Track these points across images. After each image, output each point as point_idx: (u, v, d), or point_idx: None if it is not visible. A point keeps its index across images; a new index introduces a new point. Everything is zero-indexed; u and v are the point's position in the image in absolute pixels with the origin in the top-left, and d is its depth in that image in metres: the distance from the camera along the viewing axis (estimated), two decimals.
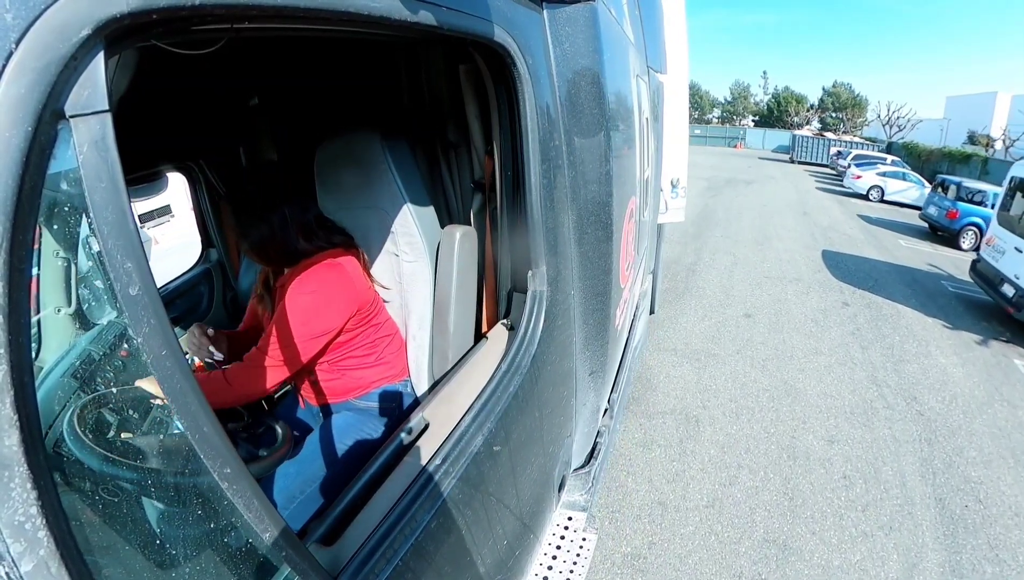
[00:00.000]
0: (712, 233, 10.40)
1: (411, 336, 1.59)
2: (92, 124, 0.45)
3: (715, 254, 8.76)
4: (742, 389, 4.50)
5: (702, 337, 5.49)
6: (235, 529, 0.66)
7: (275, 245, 1.41)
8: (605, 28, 1.65)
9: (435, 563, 1.04)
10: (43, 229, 0.51)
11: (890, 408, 4.34)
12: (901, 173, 17.06)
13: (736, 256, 8.71)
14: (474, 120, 1.51)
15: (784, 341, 5.48)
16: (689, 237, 9.89)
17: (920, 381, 4.85)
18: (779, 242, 9.90)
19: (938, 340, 5.80)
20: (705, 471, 3.45)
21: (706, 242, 9.60)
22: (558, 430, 1.68)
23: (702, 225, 11.10)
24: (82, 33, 0.42)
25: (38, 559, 0.43)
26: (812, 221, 12.39)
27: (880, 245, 10.47)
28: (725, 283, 7.24)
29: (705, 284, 7.18)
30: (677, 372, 4.71)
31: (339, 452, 1.46)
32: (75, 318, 1.43)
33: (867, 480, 3.46)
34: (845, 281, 7.70)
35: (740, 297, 6.74)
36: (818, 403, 4.33)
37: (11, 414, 0.40)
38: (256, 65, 1.89)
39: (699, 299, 6.61)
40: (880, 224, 12.86)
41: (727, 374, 4.74)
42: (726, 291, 6.95)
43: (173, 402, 0.54)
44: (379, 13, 0.74)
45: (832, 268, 8.35)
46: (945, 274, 8.66)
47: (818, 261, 8.73)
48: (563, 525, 2.02)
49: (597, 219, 1.62)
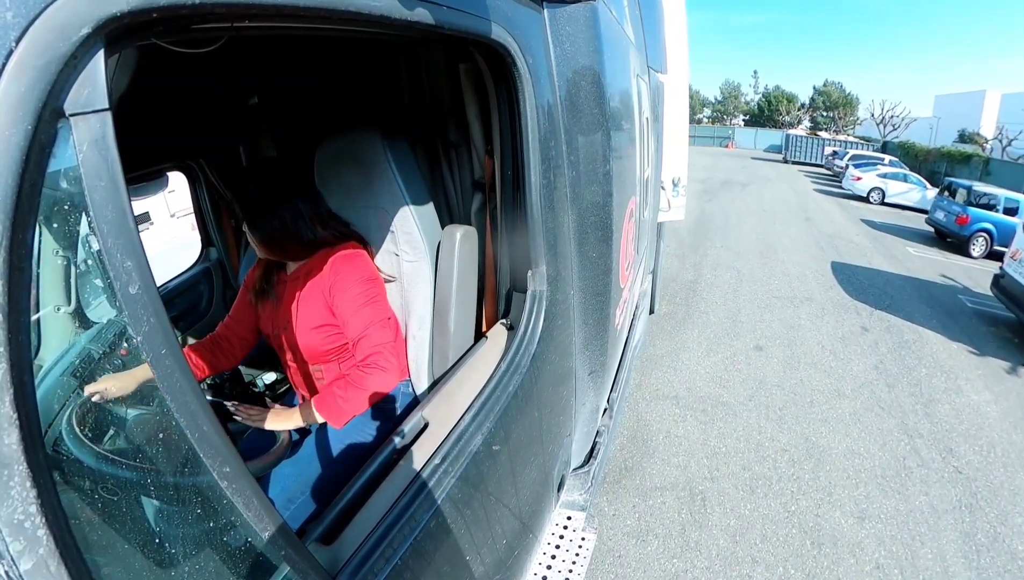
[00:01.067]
0: (711, 243, 9.65)
1: (411, 335, 1.59)
2: (92, 123, 0.45)
3: (717, 269, 7.98)
4: (757, 451, 3.78)
5: (708, 379, 4.70)
6: (234, 528, 0.66)
7: (289, 237, 1.41)
8: (605, 28, 1.65)
9: (434, 562, 1.04)
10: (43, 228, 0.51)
11: (925, 466, 3.74)
12: (902, 174, 16.59)
13: (740, 271, 7.95)
14: (474, 119, 1.51)
15: (802, 381, 4.77)
16: (687, 248, 9.19)
17: (954, 426, 4.23)
18: (785, 254, 9.11)
19: (966, 371, 5.21)
20: (713, 570, 2.81)
21: (706, 255, 8.85)
22: (558, 430, 1.68)
23: (700, 234, 10.35)
24: (82, 32, 0.42)
25: (37, 558, 0.43)
26: (816, 227, 11.68)
27: (889, 254, 9.77)
28: (730, 305, 6.51)
29: (708, 307, 6.43)
30: (680, 430, 3.95)
31: (338, 451, 1.46)
32: (75, 317, 1.43)
33: (904, 569, 2.90)
34: (860, 299, 6.99)
35: (748, 323, 5.97)
36: (845, 465, 3.67)
37: (10, 413, 0.40)
38: (256, 64, 1.89)
39: (703, 327, 5.81)
40: (885, 229, 12.23)
41: (739, 430, 3.99)
42: (732, 316, 6.18)
43: (173, 401, 0.54)
44: (379, 12, 0.74)
45: (844, 283, 7.65)
46: (960, 287, 8.13)
47: (828, 275, 8.01)
48: (562, 524, 2.02)
49: (597, 219, 1.62)
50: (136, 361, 0.51)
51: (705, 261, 8.47)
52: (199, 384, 1.40)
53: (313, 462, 1.42)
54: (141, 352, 0.51)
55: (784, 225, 11.71)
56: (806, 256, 9.11)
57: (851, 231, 11.67)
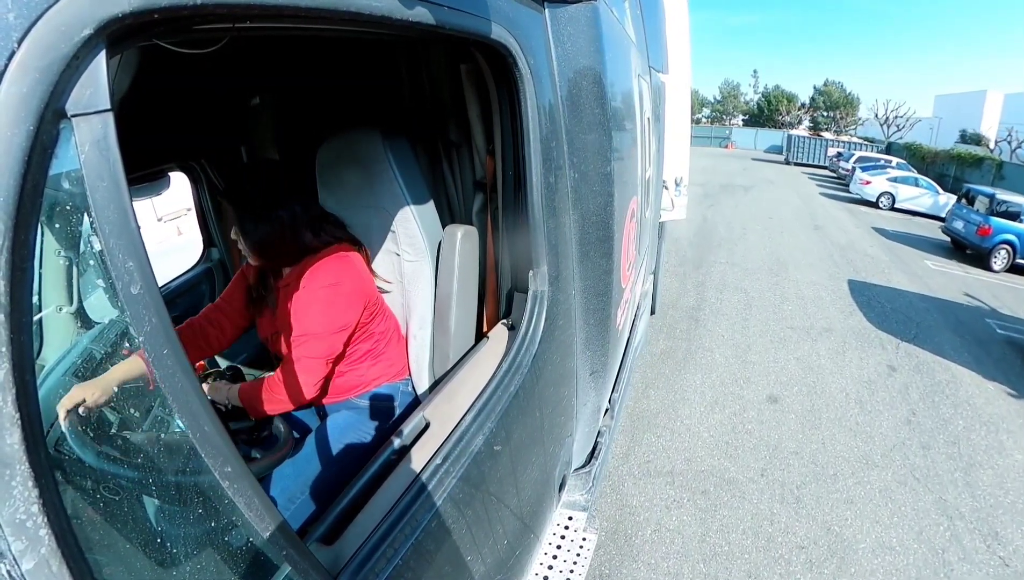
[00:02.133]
0: (716, 258, 8.73)
1: (412, 335, 1.59)
2: (94, 123, 0.45)
3: (723, 291, 7.05)
4: (767, 549, 2.98)
5: (712, 445, 3.87)
6: (236, 528, 0.66)
7: (280, 242, 1.39)
8: (607, 28, 1.65)
9: (435, 562, 1.04)
10: (45, 228, 0.51)
11: (967, 559, 3.07)
12: (913, 179, 15.79)
13: (749, 294, 7.04)
14: (476, 119, 1.51)
15: (824, 444, 3.98)
16: (689, 265, 8.25)
17: (999, 500, 3.57)
18: (797, 270, 8.25)
19: (1007, 420, 4.54)
20: None
21: (710, 273, 7.91)
22: (559, 430, 1.68)
23: (703, 247, 9.40)
24: (84, 32, 0.42)
25: (39, 557, 0.43)
26: (827, 237, 10.82)
27: (908, 269, 8.98)
28: (739, 340, 5.61)
29: (714, 342, 5.49)
30: (674, 520, 3.15)
31: (340, 451, 1.46)
32: (76, 317, 1.43)
33: None
34: (884, 328, 6.16)
35: (760, 365, 5.09)
36: (874, 566, 2.94)
37: (13, 412, 0.41)
38: (257, 64, 1.89)
39: (707, 371, 4.89)
40: (900, 239, 11.46)
41: (747, 519, 3.20)
42: (741, 355, 5.28)
43: (174, 401, 0.54)
44: (380, 13, 0.74)
45: (865, 307, 6.83)
46: (987, 309, 7.45)
47: (846, 297, 7.19)
48: (563, 525, 2.02)
49: (598, 219, 1.62)
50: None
51: (709, 280, 7.55)
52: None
53: (314, 462, 1.42)
54: (143, 352, 0.51)
55: (793, 235, 10.81)
56: (821, 273, 8.26)
57: (864, 242, 10.85)
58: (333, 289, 1.36)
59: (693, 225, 11.03)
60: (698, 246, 9.51)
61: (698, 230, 10.80)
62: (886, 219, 13.97)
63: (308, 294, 1.35)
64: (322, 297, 1.35)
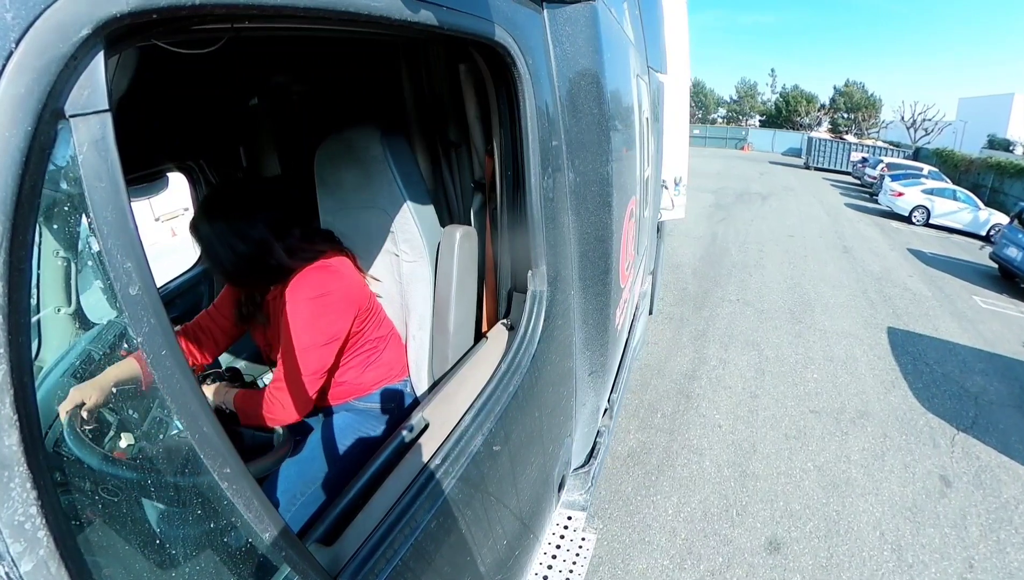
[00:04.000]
0: (724, 293, 6.98)
1: (411, 336, 1.59)
2: (92, 124, 0.45)
3: (728, 348, 5.37)
4: None
5: None
6: (235, 529, 0.66)
7: (251, 270, 1.31)
8: (605, 28, 1.65)
9: (435, 563, 1.04)
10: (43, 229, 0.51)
11: None
12: (951, 191, 13.92)
13: (762, 353, 5.33)
14: (474, 119, 1.51)
15: None
16: (689, 304, 6.49)
17: None
18: (825, 314, 6.51)
19: None
20: None
21: (715, 316, 6.17)
22: (558, 430, 1.68)
23: (710, 276, 7.61)
24: (82, 33, 0.42)
25: (38, 559, 0.43)
26: (858, 264, 9.01)
27: (955, 309, 7.29)
28: (741, 436, 3.96)
29: (705, 440, 3.87)
30: None
31: (339, 452, 1.46)
32: (75, 318, 1.43)
33: None
34: (935, 408, 4.56)
35: (766, 480, 3.52)
36: None
37: (11, 414, 0.40)
38: (256, 65, 1.89)
39: (687, 490, 3.37)
40: (940, 265, 9.69)
41: None
42: (741, 463, 3.68)
43: (173, 402, 0.54)
44: (379, 13, 0.74)
45: (911, 373, 5.14)
46: None
47: (887, 357, 5.49)
48: (563, 524, 2.03)
49: (597, 219, 1.62)
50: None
51: (713, 329, 5.81)
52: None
53: (314, 463, 1.42)
54: (141, 353, 0.51)
55: (818, 260, 9.03)
56: (854, 317, 6.52)
57: (901, 269, 9.06)
58: (319, 301, 1.31)
59: (701, 245, 9.37)
60: (704, 276, 7.75)
61: (706, 252, 8.98)
62: (921, 238, 12.14)
63: (294, 308, 1.29)
64: (308, 310, 1.29)
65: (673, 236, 9.39)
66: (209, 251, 1.28)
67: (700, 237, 9.95)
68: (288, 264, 1.32)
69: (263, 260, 1.30)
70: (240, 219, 1.27)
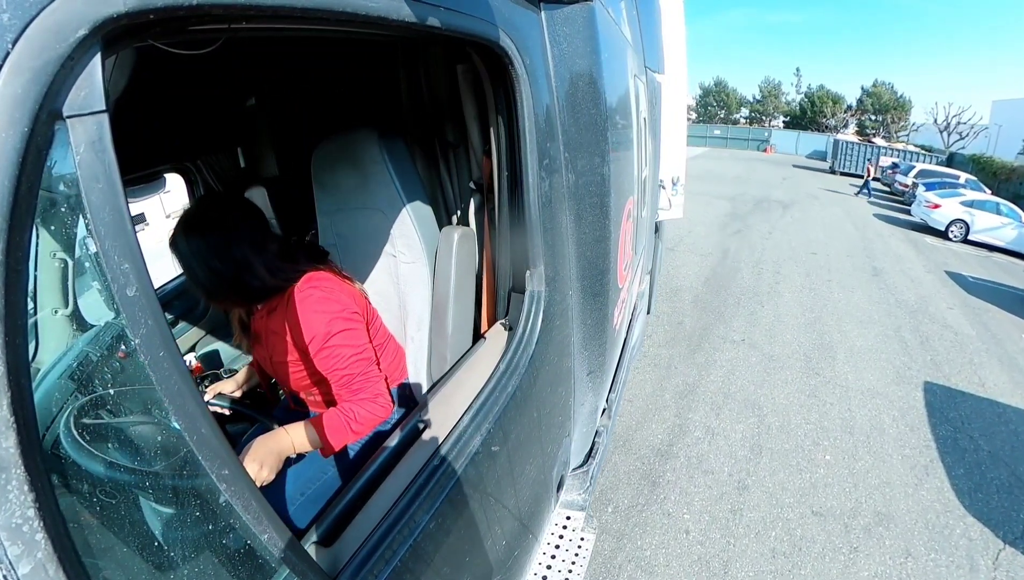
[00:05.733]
0: (727, 331, 5.70)
1: (409, 337, 1.59)
2: (89, 125, 0.45)
3: (720, 411, 4.19)
4: None
5: None
6: (233, 531, 0.66)
7: (234, 287, 1.26)
8: (603, 28, 1.65)
9: (434, 564, 1.04)
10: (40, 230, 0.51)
11: None
12: (993, 204, 12.45)
13: (764, 419, 4.14)
14: (472, 120, 1.51)
15: None
16: (682, 344, 5.30)
17: None
18: (848, 363, 5.18)
19: None
20: None
21: (711, 363, 4.95)
22: (556, 430, 1.68)
23: (713, 307, 6.35)
24: (79, 33, 0.42)
25: (36, 561, 0.43)
26: (890, 291, 7.60)
27: (1005, 354, 5.78)
28: (711, 544, 2.94)
29: (663, 547, 2.89)
30: None
31: (338, 454, 1.46)
32: (72, 319, 1.42)
33: None
34: (975, 509, 3.38)
35: None
36: None
37: (8, 416, 0.40)
38: (254, 65, 1.89)
39: None
40: (984, 294, 8.06)
41: None
42: None
43: (171, 404, 0.54)
44: (377, 13, 0.74)
45: (948, 452, 3.93)
46: None
47: (920, 427, 4.23)
48: (562, 524, 2.03)
49: (595, 219, 1.62)
50: (134, 363, 0.51)
51: (706, 382, 4.61)
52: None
53: (312, 464, 1.42)
54: (139, 355, 0.51)
55: (844, 286, 7.64)
56: (884, 369, 5.14)
57: (940, 299, 7.56)
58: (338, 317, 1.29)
59: (708, 264, 8.00)
60: (706, 306, 6.39)
61: (713, 274, 7.61)
62: (960, 257, 10.57)
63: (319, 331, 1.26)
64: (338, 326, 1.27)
65: (677, 252, 8.67)
66: (187, 268, 1.23)
67: (709, 253, 8.72)
68: (270, 283, 1.27)
69: (241, 279, 1.24)
70: (219, 237, 1.21)
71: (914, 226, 13.20)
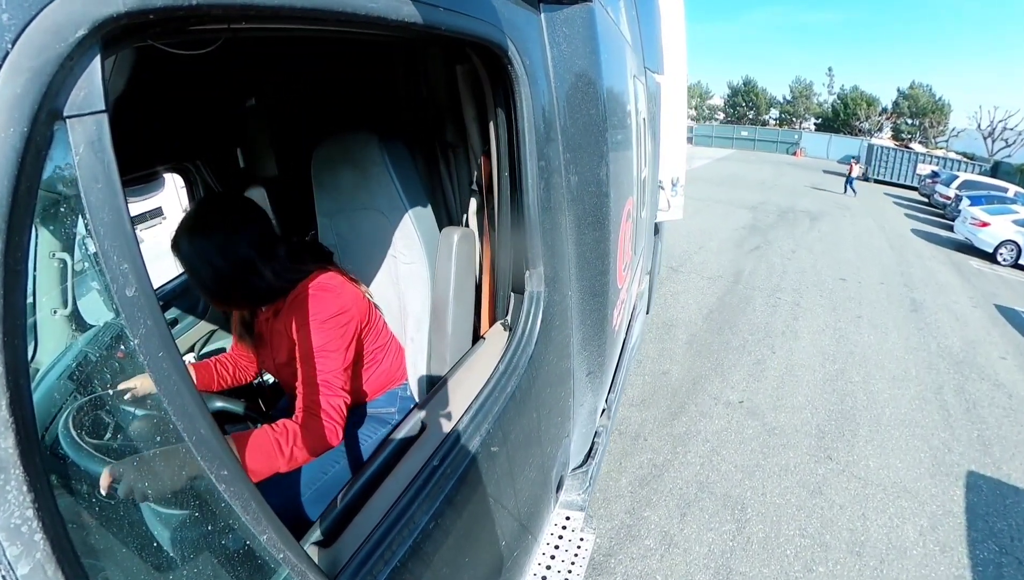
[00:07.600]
0: (720, 392, 4.43)
1: (409, 338, 1.59)
2: (89, 125, 0.45)
3: (687, 512, 3.08)
4: None
5: None
6: (233, 531, 0.66)
7: (238, 288, 1.24)
8: (602, 29, 1.66)
9: (433, 564, 1.04)
10: (39, 230, 0.51)
11: None
12: None
13: (743, 523, 3.05)
14: (472, 121, 1.51)
15: None
16: (662, 404, 4.13)
17: None
18: (871, 442, 3.92)
19: None
20: None
21: (691, 435, 3.79)
22: (556, 430, 1.68)
23: (708, 354, 5.06)
24: (78, 33, 0.42)
25: (35, 562, 0.43)
26: (932, 334, 6.12)
27: None
28: None
29: None
30: None
31: (337, 454, 1.46)
32: (71, 320, 1.42)
33: None
34: None
35: None
36: None
37: (7, 416, 0.40)
38: (254, 65, 1.89)
39: None
40: None
41: None
42: None
43: (170, 404, 0.54)
44: (376, 13, 0.74)
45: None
46: None
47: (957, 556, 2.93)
48: (561, 525, 2.02)
49: (594, 219, 1.62)
50: (133, 364, 0.51)
51: (677, 464, 3.49)
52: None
53: (312, 465, 1.42)
54: (138, 355, 0.51)
55: (876, 326, 6.19)
56: (918, 451, 3.87)
57: (990, 345, 6.03)
58: (333, 321, 1.26)
59: (715, 290, 6.74)
60: (702, 349, 5.17)
61: (719, 303, 6.34)
62: (1011, 287, 8.83)
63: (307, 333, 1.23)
64: (325, 333, 1.24)
65: (680, 274, 7.44)
66: (190, 270, 1.21)
67: (719, 276, 7.32)
68: (275, 285, 1.27)
69: (246, 280, 1.23)
70: (222, 237, 1.20)
71: (957, 245, 11.64)
